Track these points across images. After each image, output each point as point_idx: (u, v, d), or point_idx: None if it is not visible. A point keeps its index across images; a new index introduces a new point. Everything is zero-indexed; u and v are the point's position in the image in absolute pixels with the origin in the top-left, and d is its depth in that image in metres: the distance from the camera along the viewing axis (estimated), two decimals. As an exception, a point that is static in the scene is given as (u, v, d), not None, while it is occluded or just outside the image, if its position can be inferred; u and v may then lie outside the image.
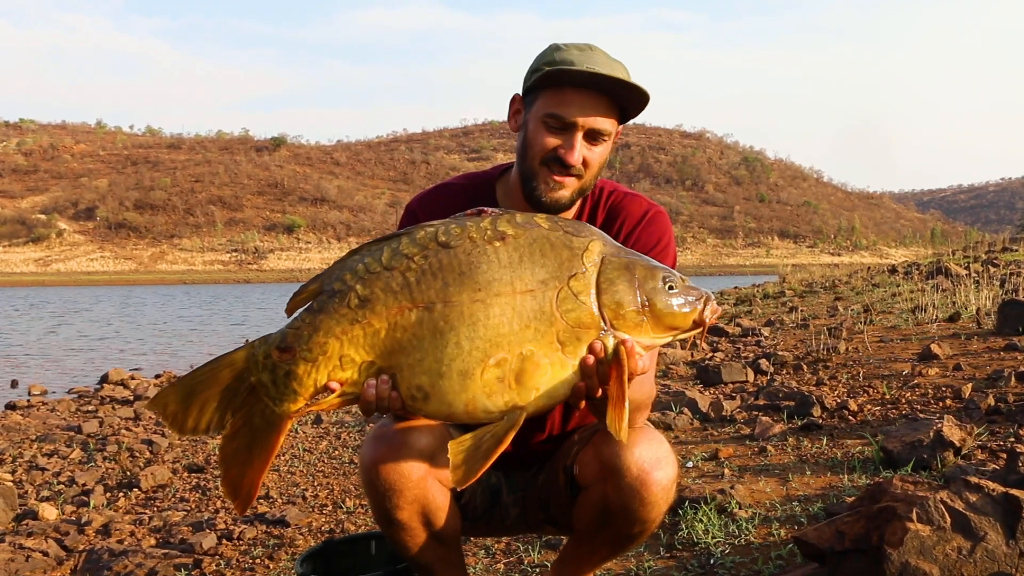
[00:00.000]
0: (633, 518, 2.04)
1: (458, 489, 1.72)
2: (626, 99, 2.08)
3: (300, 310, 1.79)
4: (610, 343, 1.73)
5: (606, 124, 2.07)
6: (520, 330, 1.71)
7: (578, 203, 2.26)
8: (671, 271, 1.81)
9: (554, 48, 2.08)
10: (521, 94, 2.17)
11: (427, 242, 1.76)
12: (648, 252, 2.12)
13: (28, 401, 10.35)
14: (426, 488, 2.04)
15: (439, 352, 1.70)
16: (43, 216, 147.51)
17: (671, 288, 1.78)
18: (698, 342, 1.90)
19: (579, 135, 2.06)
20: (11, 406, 9.93)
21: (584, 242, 1.78)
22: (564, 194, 2.11)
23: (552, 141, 2.07)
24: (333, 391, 1.76)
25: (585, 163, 2.09)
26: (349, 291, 1.74)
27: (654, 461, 2.01)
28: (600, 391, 1.74)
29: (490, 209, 1.82)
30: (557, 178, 2.09)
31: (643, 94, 2.06)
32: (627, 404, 1.70)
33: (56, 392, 11.90)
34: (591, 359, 1.72)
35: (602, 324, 1.74)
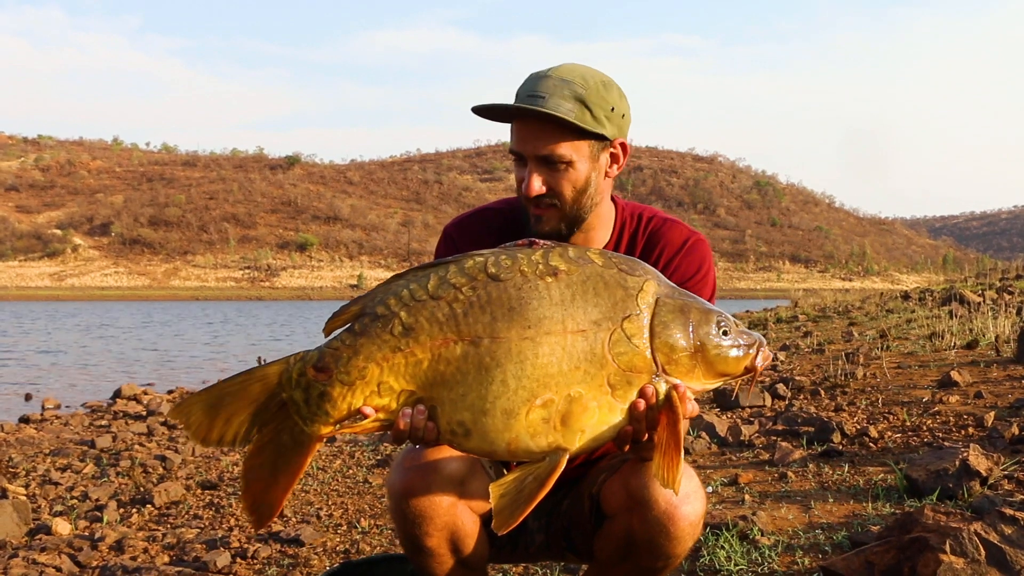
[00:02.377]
0: (658, 552, 1.99)
1: (499, 534, 1.67)
2: (563, 127, 1.99)
3: (339, 330, 1.74)
4: (662, 388, 1.68)
5: (556, 149, 2.00)
6: (569, 371, 1.65)
7: (614, 230, 2.23)
8: (725, 315, 1.76)
9: (525, 79, 2.05)
10: None
11: (476, 273, 1.70)
12: (687, 281, 2.10)
13: (42, 415, 10.34)
14: (456, 515, 2.00)
15: (484, 389, 1.65)
16: (59, 231, 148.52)
17: (725, 333, 1.73)
18: (747, 388, 1.86)
19: (531, 166, 2.02)
20: (25, 419, 9.92)
21: (639, 282, 1.73)
22: (547, 226, 2.07)
23: (520, 175, 2.05)
24: (366, 416, 1.71)
25: (553, 191, 2.03)
26: (393, 317, 1.69)
27: (683, 495, 1.95)
28: (646, 435, 1.70)
29: (542, 242, 1.77)
30: (535, 211, 2.07)
31: (561, 121, 1.96)
32: (681, 453, 1.66)
33: (70, 406, 11.89)
34: (642, 404, 1.67)
35: (655, 368, 1.69)
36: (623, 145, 2.12)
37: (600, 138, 2.05)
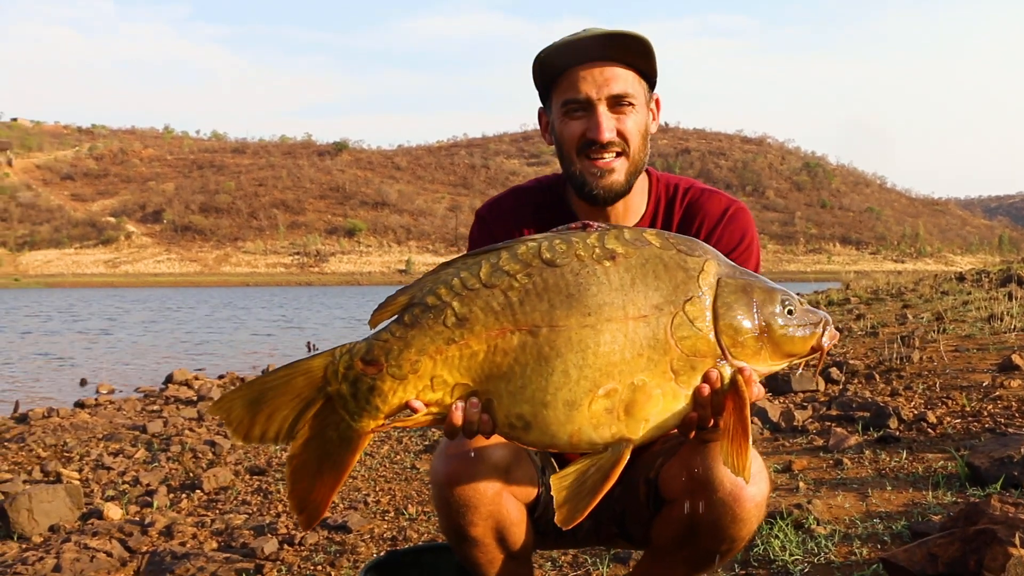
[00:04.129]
0: (722, 536, 1.92)
1: (564, 529, 1.60)
2: (631, 53, 1.96)
3: (387, 322, 1.67)
4: (727, 372, 1.61)
5: (625, 85, 1.96)
6: (632, 359, 1.58)
7: (650, 203, 2.16)
8: (790, 294, 1.68)
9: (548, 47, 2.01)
10: (542, 107, 2.10)
11: (530, 258, 1.63)
12: (730, 252, 2.02)
13: (96, 400, 10.49)
14: (501, 504, 1.95)
15: (544, 380, 1.58)
16: (112, 219, 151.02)
17: (790, 312, 1.66)
18: (814, 369, 1.77)
19: (600, 108, 1.96)
20: (80, 404, 10.08)
21: (699, 262, 1.65)
22: (617, 178, 2.01)
23: (577, 127, 1.98)
24: (417, 411, 1.64)
25: (622, 135, 1.98)
26: (445, 307, 1.61)
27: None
28: (712, 421, 1.63)
29: (596, 224, 1.69)
30: (599, 163, 1.99)
31: (639, 40, 1.94)
32: (750, 437, 1.59)
33: (123, 391, 12.07)
34: (706, 389, 1.59)
35: (719, 351, 1.61)
36: (658, 101, 2.09)
37: (652, 85, 2.03)
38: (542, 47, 2.00)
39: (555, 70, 1.98)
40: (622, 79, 1.95)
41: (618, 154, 1.99)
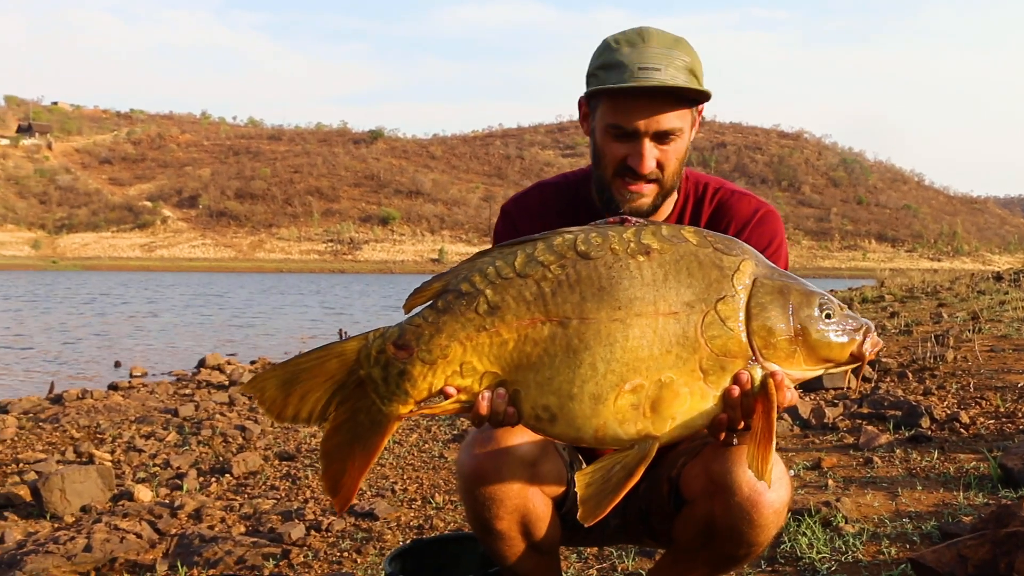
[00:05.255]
0: (739, 540, 1.90)
1: (586, 525, 1.59)
2: (687, 95, 1.94)
3: (421, 307, 1.68)
4: (758, 374, 1.59)
5: (673, 122, 1.94)
6: (660, 355, 1.57)
7: (677, 202, 2.15)
8: (829, 297, 1.65)
9: (604, 47, 1.97)
10: (585, 97, 2.07)
11: (565, 250, 1.62)
12: None
13: (130, 382, 10.62)
14: (527, 497, 1.94)
15: (571, 372, 1.58)
16: (149, 203, 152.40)
17: (828, 316, 1.63)
18: (854, 378, 1.73)
19: (646, 141, 1.95)
20: (113, 387, 10.21)
21: (735, 261, 1.63)
22: (644, 202, 2.01)
23: (620, 150, 1.97)
24: (448, 396, 1.64)
25: (660, 165, 1.97)
26: (478, 295, 1.62)
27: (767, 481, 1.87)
28: (742, 424, 1.61)
29: (634, 219, 1.69)
30: (633, 188, 1.99)
31: (702, 93, 1.93)
32: (774, 442, 1.57)
33: (156, 374, 12.20)
34: (736, 390, 1.58)
35: (750, 353, 1.59)
36: (700, 109, 2.07)
37: (698, 103, 2.02)
38: (611, 32, 1.99)
39: (611, 82, 1.94)
40: (672, 116, 1.95)
41: (652, 181, 1.99)
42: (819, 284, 1.72)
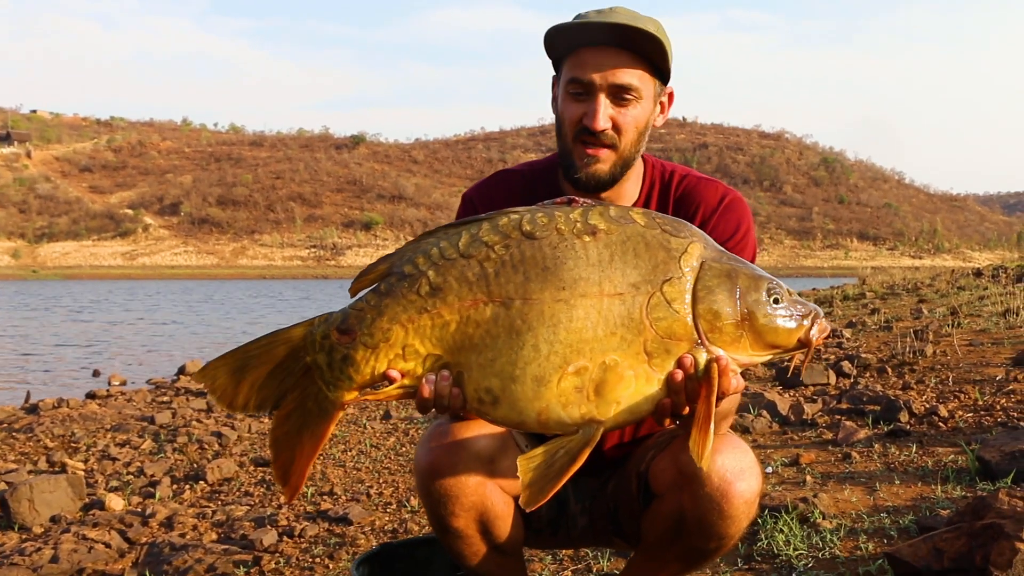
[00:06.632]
0: (710, 532, 1.85)
1: (527, 510, 1.56)
2: (646, 48, 1.91)
3: (365, 291, 1.65)
4: (702, 358, 1.55)
5: (630, 77, 1.90)
6: (604, 337, 1.54)
7: (643, 188, 2.11)
8: (777, 282, 1.62)
9: (574, 17, 1.95)
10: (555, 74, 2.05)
11: (510, 230, 1.59)
12: (725, 241, 1.96)
13: (108, 391, 10.50)
14: (485, 495, 1.89)
15: (513, 353, 1.54)
16: (130, 211, 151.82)
17: (776, 301, 1.59)
18: (801, 365, 1.69)
19: (600, 96, 1.91)
20: (91, 395, 10.09)
21: (683, 243, 1.60)
22: (601, 168, 1.96)
23: (577, 110, 1.93)
24: (393, 381, 1.60)
25: (616, 127, 1.93)
26: (420, 276, 1.59)
27: (737, 471, 1.82)
28: (687, 409, 1.57)
29: (582, 199, 1.65)
30: (590, 151, 1.95)
31: (654, 38, 1.88)
32: (712, 427, 1.53)
33: (136, 382, 12.10)
34: (679, 374, 1.54)
35: (696, 336, 1.56)
36: (671, 95, 2.04)
37: (664, 79, 1.99)
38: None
39: (567, 45, 1.94)
40: (629, 71, 1.91)
41: (607, 145, 1.95)
42: (801, 283, 1.68)
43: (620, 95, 1.92)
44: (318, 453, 1.70)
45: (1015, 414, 4.65)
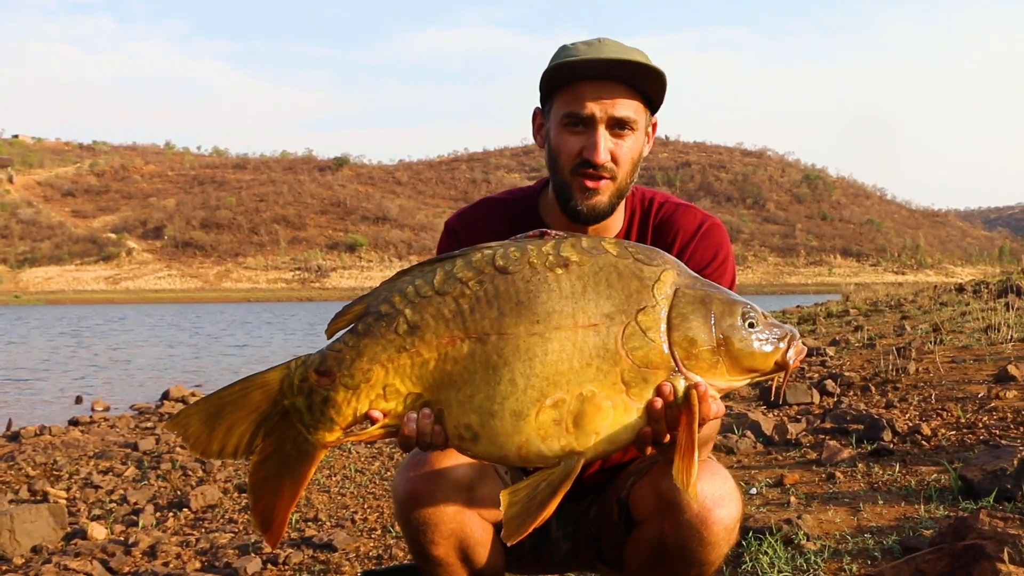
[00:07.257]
0: (690, 559, 1.86)
1: (508, 544, 1.56)
2: (643, 81, 1.93)
3: (342, 332, 1.64)
4: (680, 385, 1.56)
5: (628, 110, 1.92)
6: (580, 368, 1.54)
7: (624, 217, 2.12)
8: (752, 306, 1.62)
9: (562, 49, 1.97)
10: (540, 107, 2.05)
11: (483, 266, 1.59)
12: (704, 268, 1.98)
13: (91, 417, 10.41)
14: (464, 522, 1.89)
15: (491, 389, 1.54)
16: (113, 235, 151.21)
17: (752, 325, 1.60)
18: (780, 387, 1.70)
19: (600, 128, 1.92)
20: (74, 422, 9.99)
21: (656, 272, 1.60)
22: (601, 200, 1.97)
23: (575, 143, 1.94)
24: (375, 421, 1.60)
25: (614, 159, 1.94)
26: (398, 315, 1.59)
27: (717, 498, 1.83)
28: (668, 436, 1.57)
29: (554, 232, 1.66)
30: (590, 184, 1.95)
31: (656, 72, 1.91)
32: (696, 455, 1.53)
33: (119, 408, 12.00)
34: (659, 402, 1.54)
35: (673, 364, 1.56)
36: (655, 124, 2.06)
37: (654, 110, 2.01)
38: (554, 50, 1.99)
39: (564, 78, 1.94)
40: (627, 104, 1.93)
41: (608, 177, 1.96)
42: (785, 300, 1.69)
43: (619, 127, 1.93)
44: (299, 498, 1.68)
45: (997, 432, 4.67)
